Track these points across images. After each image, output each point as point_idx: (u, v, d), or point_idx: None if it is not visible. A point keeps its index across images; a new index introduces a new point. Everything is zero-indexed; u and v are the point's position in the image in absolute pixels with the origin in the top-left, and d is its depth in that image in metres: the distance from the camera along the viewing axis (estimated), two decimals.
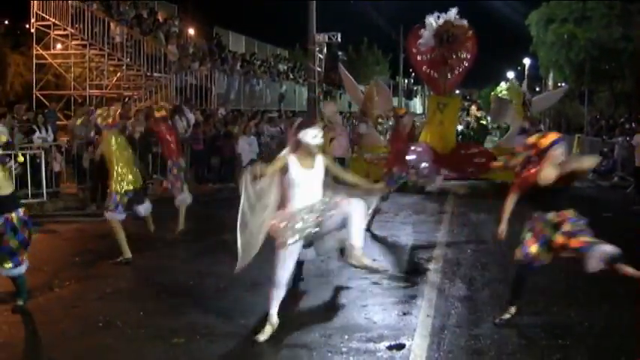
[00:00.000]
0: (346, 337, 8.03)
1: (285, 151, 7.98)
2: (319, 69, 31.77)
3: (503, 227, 8.77)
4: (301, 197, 7.80)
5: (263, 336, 7.85)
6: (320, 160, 7.97)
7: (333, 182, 8.40)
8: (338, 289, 10.03)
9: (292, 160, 7.77)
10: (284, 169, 7.74)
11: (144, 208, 12.57)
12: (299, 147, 7.84)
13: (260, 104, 35.29)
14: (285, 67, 44.85)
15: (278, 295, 7.97)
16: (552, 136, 8.24)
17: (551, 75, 47.32)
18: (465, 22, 23.28)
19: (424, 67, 24.09)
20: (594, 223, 8.67)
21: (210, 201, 19.10)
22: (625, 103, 39.79)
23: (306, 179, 7.80)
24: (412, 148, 18.62)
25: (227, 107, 29.78)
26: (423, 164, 18.61)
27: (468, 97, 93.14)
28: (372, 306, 9.13)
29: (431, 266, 11.57)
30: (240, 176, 7.84)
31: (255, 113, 29.40)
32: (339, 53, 35.27)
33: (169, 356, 7.44)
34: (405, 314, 8.91)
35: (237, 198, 7.25)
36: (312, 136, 7.78)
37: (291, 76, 43.72)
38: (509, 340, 8.02)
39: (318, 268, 11.18)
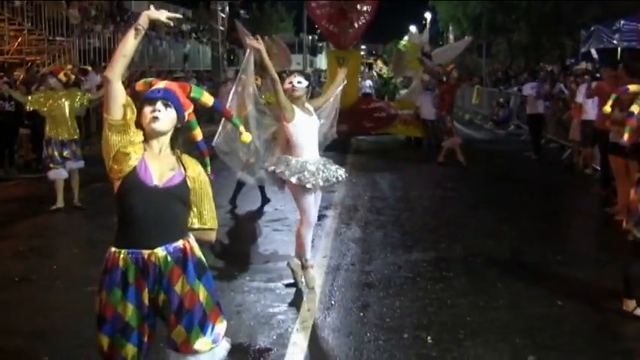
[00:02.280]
0: (247, 278, 8.64)
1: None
2: (222, 28, 31.96)
3: None
4: (306, 143, 7.99)
5: (313, 280, 8.20)
6: (312, 108, 8.21)
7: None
8: (239, 236, 10.62)
9: (296, 109, 7.89)
10: (288, 112, 7.82)
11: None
12: (293, 94, 7.96)
13: (165, 64, 35.34)
14: (189, 27, 44.84)
15: (309, 235, 8.21)
16: None
17: (451, 29, 48.33)
18: None
19: (324, 22, 23.63)
20: (491, 168, 9.34)
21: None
22: (522, 55, 40.88)
23: (308, 125, 8.00)
24: None
25: (131, 68, 29.83)
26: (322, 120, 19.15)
27: (373, 52, 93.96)
28: (272, 250, 9.74)
29: (329, 212, 12.22)
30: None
31: (159, 73, 29.51)
32: (242, 12, 35.57)
33: (84, 303, 7.89)
34: None
35: None
36: (297, 82, 7.98)
37: (195, 36, 43.75)
38: (398, 274, 8.75)
39: (221, 217, 11.71)
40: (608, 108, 7.27)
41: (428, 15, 62.99)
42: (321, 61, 71.98)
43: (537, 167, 17.87)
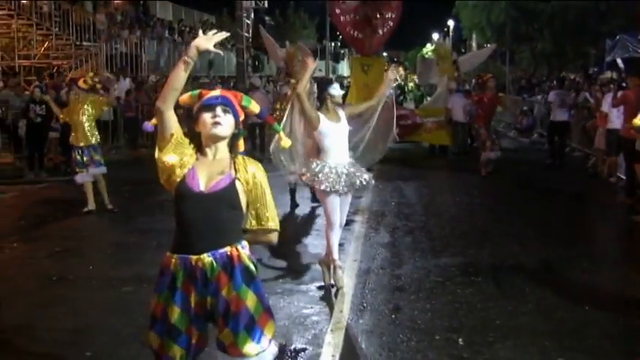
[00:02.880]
0: (280, 280, 8.83)
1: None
2: (247, 34, 32.18)
3: None
4: (332, 148, 8.31)
5: (341, 280, 8.48)
6: (342, 114, 8.48)
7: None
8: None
9: (321, 116, 8.23)
10: (313, 121, 8.17)
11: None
12: (324, 103, 8.38)
13: (190, 70, 35.57)
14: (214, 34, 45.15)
15: (336, 237, 8.55)
16: None
17: (474, 36, 48.39)
18: None
19: (347, 28, 23.32)
20: (516, 176, 9.46)
21: (144, 165, 19.62)
22: (545, 63, 40.94)
23: (334, 131, 8.28)
24: None
25: (157, 74, 30.12)
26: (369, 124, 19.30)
27: (395, 60, 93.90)
28: (304, 253, 9.92)
29: (357, 218, 12.41)
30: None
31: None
32: (266, 18, 35.77)
33: (121, 302, 8.13)
34: None
35: None
36: (334, 88, 8.41)
37: (220, 42, 43.99)
38: (427, 278, 8.91)
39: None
40: (638, 121, 7.12)
41: (451, 22, 63.15)
42: (344, 68, 72.16)
43: (562, 175, 17.93)
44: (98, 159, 13.05)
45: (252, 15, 32.95)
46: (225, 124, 4.28)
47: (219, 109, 4.30)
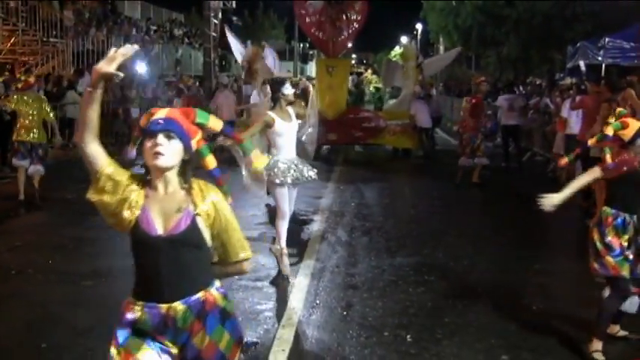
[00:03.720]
0: (236, 277, 8.91)
1: (266, 112, 9.10)
2: (214, 34, 32.21)
3: (557, 200, 6.49)
4: (284, 145, 9.01)
5: (287, 268, 9.09)
6: (292, 112, 9.18)
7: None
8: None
9: (275, 116, 8.87)
10: (268, 122, 8.82)
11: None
12: (277, 102, 9.04)
13: (157, 69, 35.58)
14: (181, 32, 45.13)
15: (285, 225, 9.17)
16: (635, 125, 6.49)
17: (441, 40, 48.67)
18: None
19: (313, 29, 23.59)
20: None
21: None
22: (511, 68, 41.21)
23: (286, 130, 8.97)
24: None
25: (123, 72, 29.99)
26: (310, 129, 19.34)
27: (364, 61, 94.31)
28: (261, 252, 9.98)
29: (317, 217, 12.56)
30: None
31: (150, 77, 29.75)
32: (234, 18, 35.83)
33: (79, 296, 8.22)
34: (290, 257, 9.75)
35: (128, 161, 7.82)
36: (285, 89, 9.04)
37: (187, 41, 44.02)
38: (381, 277, 9.08)
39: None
40: (593, 141, 7.13)
41: (419, 26, 63.48)
42: (312, 69, 72.31)
43: (521, 179, 18.18)
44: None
45: (220, 15, 32.95)
46: (168, 153, 3.77)
47: (160, 137, 3.77)
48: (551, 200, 6.52)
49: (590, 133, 11.75)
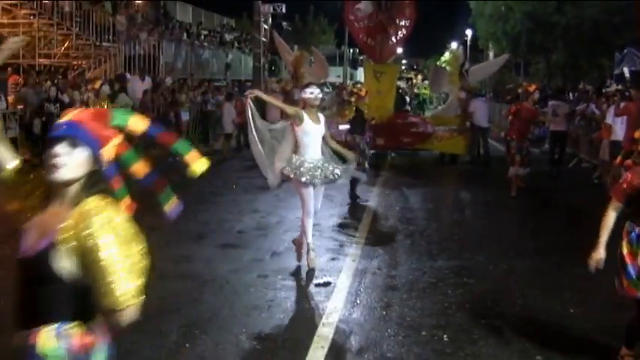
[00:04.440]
0: (280, 277, 9.22)
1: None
2: (264, 39, 32.55)
3: (600, 255, 6.24)
4: (310, 145, 9.43)
5: (312, 262, 9.62)
6: (322, 119, 9.63)
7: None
8: (274, 240, 11.20)
9: (305, 115, 9.32)
10: (298, 118, 9.29)
11: None
12: (305, 104, 9.48)
13: (207, 73, 36.03)
14: (232, 37, 45.58)
15: (310, 223, 9.61)
16: None
17: (490, 46, 48.60)
18: None
19: (361, 35, 23.89)
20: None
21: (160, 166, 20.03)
22: (560, 74, 41.15)
23: (313, 131, 9.40)
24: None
25: (174, 76, 30.45)
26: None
27: (414, 67, 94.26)
28: (305, 253, 10.24)
29: (360, 221, 12.84)
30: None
31: (201, 82, 30.16)
32: (284, 23, 36.20)
33: None
34: (333, 259, 10.15)
35: (178, 164, 8.03)
36: (310, 92, 9.41)
37: (237, 46, 44.44)
38: (422, 279, 9.27)
39: (258, 222, 12.46)
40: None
41: (469, 32, 63.34)
42: (361, 74, 72.38)
43: (567, 185, 18.22)
44: None
45: (270, 20, 33.31)
46: (66, 164, 3.21)
47: (62, 145, 3.22)
48: (596, 258, 6.16)
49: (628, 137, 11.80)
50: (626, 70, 22.61)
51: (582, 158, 22.11)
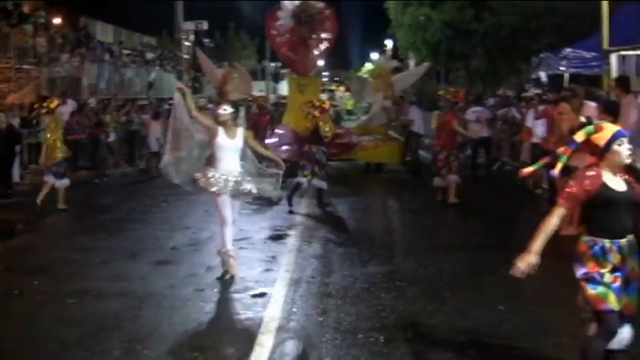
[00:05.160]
0: (215, 290, 9.36)
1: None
2: (187, 56, 32.56)
3: (534, 259, 5.84)
4: (223, 159, 9.86)
5: (233, 268, 9.95)
6: (240, 133, 10.06)
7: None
8: (207, 255, 11.31)
9: (220, 129, 9.84)
10: (213, 131, 9.86)
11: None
12: (219, 119, 9.96)
13: (130, 92, 35.84)
14: (154, 55, 45.44)
15: (229, 231, 9.97)
16: (610, 128, 5.72)
17: (411, 56, 49.14)
18: (321, 3, 23.51)
19: (284, 49, 24.11)
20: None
21: (85, 186, 19.95)
22: (480, 80, 41.74)
23: (228, 145, 9.86)
24: (275, 130, 19.75)
25: (97, 97, 30.26)
26: (285, 147, 19.70)
27: (336, 79, 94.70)
28: (239, 265, 10.37)
29: (292, 232, 12.99)
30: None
31: (125, 101, 30.01)
32: (206, 40, 36.22)
33: (66, 314, 8.56)
34: (267, 270, 10.32)
35: (110, 184, 7.94)
36: (223, 109, 9.99)
37: (160, 64, 44.30)
38: (355, 285, 9.48)
39: (190, 238, 12.57)
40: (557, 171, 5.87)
41: (389, 42, 63.90)
42: (284, 88, 72.59)
43: (491, 188, 18.65)
44: None
45: (192, 37, 33.32)
46: None
47: None
48: (530, 262, 5.80)
49: (552, 140, 12.16)
50: (542, 75, 23.19)
51: (505, 161, 22.59)
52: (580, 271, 5.74)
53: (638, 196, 5.69)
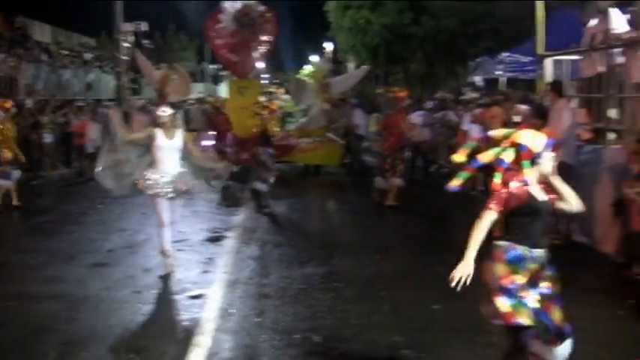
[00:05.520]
0: (152, 291, 9.37)
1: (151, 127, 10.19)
2: (126, 57, 32.31)
3: (471, 268, 5.67)
4: (163, 160, 10.00)
5: (169, 267, 10.18)
6: (179, 134, 10.19)
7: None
8: (144, 256, 11.32)
9: (158, 131, 9.98)
10: (151, 136, 9.98)
11: None
12: (158, 121, 10.07)
13: (68, 93, 35.44)
14: (92, 56, 44.99)
15: (167, 232, 10.17)
16: (536, 137, 5.54)
17: (351, 58, 49.37)
18: (263, 7, 23.51)
19: (224, 51, 24.02)
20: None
21: (21, 188, 19.71)
22: (419, 83, 42.11)
23: (167, 146, 10.01)
24: (212, 132, 19.73)
25: (34, 97, 29.89)
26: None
27: (276, 81, 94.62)
28: (177, 267, 10.37)
29: (229, 234, 13.02)
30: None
31: (63, 102, 29.68)
32: (145, 42, 35.96)
33: (3, 317, 8.50)
34: (204, 272, 10.35)
35: (47, 185, 8.00)
36: (162, 111, 10.11)
37: (98, 65, 43.87)
38: (292, 286, 9.56)
39: (127, 240, 12.54)
40: (460, 157, 5.77)
41: (329, 45, 64.06)
42: (224, 90, 72.31)
43: (428, 190, 18.80)
44: None
45: (131, 38, 33.08)
46: None
47: None
48: (467, 272, 5.65)
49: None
50: (477, 79, 23.54)
51: (442, 164, 22.81)
52: (493, 281, 5.63)
53: (554, 206, 5.66)
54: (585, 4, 13.78)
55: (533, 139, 5.50)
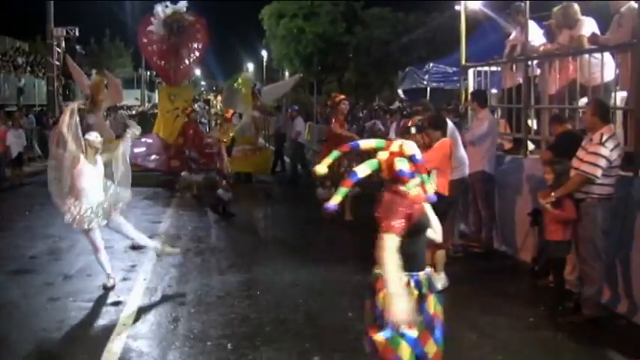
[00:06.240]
0: (71, 299, 9.42)
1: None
2: (58, 63, 32.09)
3: (405, 305, 4.55)
4: (91, 187, 9.68)
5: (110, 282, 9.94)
6: (100, 159, 9.87)
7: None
8: (66, 264, 11.35)
9: (82, 157, 9.53)
10: (75, 159, 9.49)
11: None
12: (90, 145, 9.71)
13: None
14: (24, 60, 44.54)
15: (102, 256, 9.90)
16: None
17: (285, 66, 49.63)
18: (192, 16, 23.89)
19: (155, 58, 24.41)
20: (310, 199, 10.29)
21: None
22: (353, 92, 42.44)
23: (93, 172, 9.71)
24: (142, 139, 19.72)
25: None
26: (153, 156, 19.74)
27: (213, 88, 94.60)
28: (96, 275, 10.39)
29: (153, 240, 13.02)
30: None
31: None
32: (78, 47, 35.72)
33: None
34: (125, 279, 10.41)
35: None
36: (94, 136, 9.79)
37: (30, 70, 43.45)
38: (210, 294, 9.67)
39: (50, 247, 12.59)
40: (321, 169, 5.40)
41: (264, 53, 64.28)
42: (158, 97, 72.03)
43: (356, 200, 18.94)
44: None
45: (63, 43, 32.87)
46: None
47: None
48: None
49: None
50: (400, 91, 23.91)
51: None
52: (372, 313, 5.05)
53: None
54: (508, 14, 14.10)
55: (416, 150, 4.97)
